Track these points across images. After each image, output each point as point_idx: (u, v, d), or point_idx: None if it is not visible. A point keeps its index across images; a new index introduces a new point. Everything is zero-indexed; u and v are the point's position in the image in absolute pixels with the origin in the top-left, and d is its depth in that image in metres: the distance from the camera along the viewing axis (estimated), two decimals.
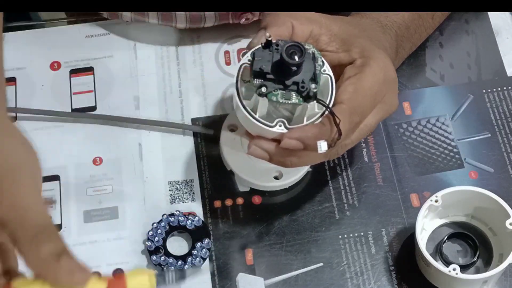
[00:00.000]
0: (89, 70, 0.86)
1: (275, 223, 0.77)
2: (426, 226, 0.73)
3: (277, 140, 0.66)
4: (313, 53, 0.66)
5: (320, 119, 0.65)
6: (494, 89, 0.83)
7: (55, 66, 0.87)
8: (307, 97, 0.64)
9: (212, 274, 0.75)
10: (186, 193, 0.79)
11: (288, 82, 0.64)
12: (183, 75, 0.86)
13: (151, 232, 0.75)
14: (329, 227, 0.76)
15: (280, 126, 0.65)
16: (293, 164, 0.68)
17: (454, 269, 0.68)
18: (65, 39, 0.89)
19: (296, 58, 0.63)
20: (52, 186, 0.79)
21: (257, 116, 0.66)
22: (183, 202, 0.78)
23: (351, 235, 0.76)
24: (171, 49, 0.87)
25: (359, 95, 0.67)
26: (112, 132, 0.83)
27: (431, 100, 0.83)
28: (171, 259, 0.74)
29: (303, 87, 0.64)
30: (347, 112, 0.66)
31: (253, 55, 0.65)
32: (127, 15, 0.87)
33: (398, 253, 0.75)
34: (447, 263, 0.71)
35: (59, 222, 0.78)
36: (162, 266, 0.74)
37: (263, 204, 0.78)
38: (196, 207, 0.78)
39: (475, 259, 0.71)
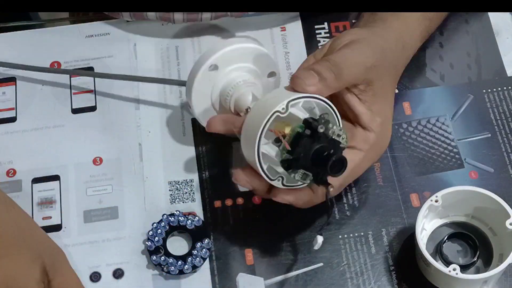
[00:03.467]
0: (89, 70, 0.86)
1: (275, 223, 0.77)
2: (426, 226, 0.73)
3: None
4: (343, 148, 0.67)
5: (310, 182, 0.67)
6: (494, 89, 0.83)
7: (55, 66, 0.87)
8: (318, 182, 0.67)
9: (212, 274, 0.75)
10: (186, 193, 0.79)
11: (310, 168, 0.66)
12: (183, 75, 0.86)
13: (151, 232, 0.75)
14: (329, 227, 0.76)
15: (278, 181, 0.68)
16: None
17: (454, 269, 0.68)
18: (65, 39, 0.89)
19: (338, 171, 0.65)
20: (52, 186, 0.80)
21: (264, 167, 0.67)
22: (183, 202, 0.78)
23: (351, 235, 0.76)
24: (171, 49, 0.88)
25: (352, 175, 0.72)
26: (112, 132, 0.83)
27: (431, 100, 0.83)
28: (171, 259, 0.74)
29: (322, 179, 0.66)
30: (337, 188, 0.70)
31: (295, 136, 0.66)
32: (127, 14, 0.87)
33: (398, 253, 0.75)
34: (447, 263, 0.71)
35: (59, 222, 0.78)
36: (162, 266, 0.74)
37: (263, 204, 0.78)
38: (196, 207, 0.78)
39: (475, 259, 0.71)
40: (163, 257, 0.74)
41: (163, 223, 0.75)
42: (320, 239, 0.67)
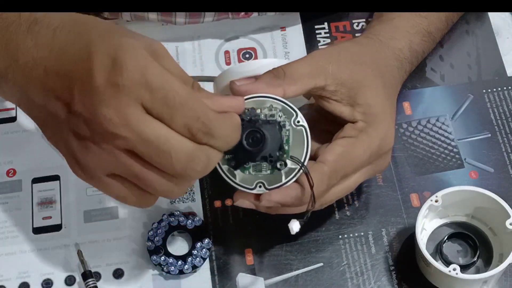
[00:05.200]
0: None
1: (275, 223, 0.76)
2: (426, 226, 0.73)
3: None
4: (279, 123, 0.65)
5: (297, 176, 0.65)
6: (494, 89, 0.83)
7: None
8: (278, 167, 0.65)
9: (212, 274, 0.75)
10: (186, 193, 0.79)
11: (257, 158, 0.64)
12: None
13: (151, 232, 0.75)
14: (329, 227, 0.76)
15: (260, 187, 0.66)
16: (279, 212, 0.68)
17: (454, 269, 0.68)
18: None
19: (255, 145, 0.63)
20: (52, 186, 0.80)
21: (237, 180, 0.66)
22: (183, 202, 0.78)
23: (351, 235, 0.76)
24: (171, 49, 0.87)
25: (344, 160, 0.66)
26: None
27: (431, 100, 0.83)
28: (171, 259, 0.74)
29: (271, 160, 0.64)
30: (326, 174, 0.65)
31: None
32: (127, 14, 0.87)
33: (398, 253, 0.75)
34: (447, 263, 0.71)
35: (59, 222, 0.78)
36: (162, 266, 0.74)
37: None
38: (196, 207, 0.78)
39: (475, 259, 0.71)
40: (163, 257, 0.74)
41: (163, 223, 0.75)
42: (296, 224, 0.65)
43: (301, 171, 0.65)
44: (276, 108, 0.65)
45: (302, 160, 0.65)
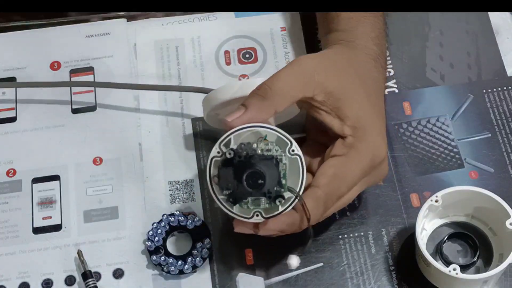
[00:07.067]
0: (89, 70, 0.86)
1: None
2: (426, 226, 0.73)
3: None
4: (276, 158, 0.65)
5: (293, 205, 0.65)
6: (494, 89, 0.84)
7: (55, 66, 0.87)
8: (277, 204, 0.65)
9: (212, 274, 0.75)
10: (186, 193, 0.79)
11: (255, 194, 0.64)
12: (183, 75, 0.86)
13: (151, 232, 0.75)
14: (329, 227, 0.76)
15: (257, 216, 0.66)
16: (279, 235, 0.69)
17: (454, 269, 0.68)
18: (65, 39, 0.89)
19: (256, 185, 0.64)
20: (52, 186, 0.80)
21: (234, 210, 0.66)
22: (183, 202, 0.78)
23: (351, 235, 0.76)
24: (171, 49, 0.88)
25: (337, 181, 0.67)
26: (112, 132, 0.83)
27: (431, 100, 0.83)
28: (171, 259, 0.74)
29: (270, 196, 0.64)
30: (321, 199, 0.66)
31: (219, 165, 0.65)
32: None
33: (398, 253, 0.75)
34: (447, 263, 0.71)
35: (59, 222, 0.78)
36: (162, 266, 0.74)
37: None
38: (196, 207, 0.78)
39: (475, 259, 0.71)
40: (163, 257, 0.74)
41: (163, 223, 0.75)
42: (295, 260, 0.67)
43: (296, 200, 0.65)
44: (272, 141, 0.65)
45: (297, 190, 0.65)
